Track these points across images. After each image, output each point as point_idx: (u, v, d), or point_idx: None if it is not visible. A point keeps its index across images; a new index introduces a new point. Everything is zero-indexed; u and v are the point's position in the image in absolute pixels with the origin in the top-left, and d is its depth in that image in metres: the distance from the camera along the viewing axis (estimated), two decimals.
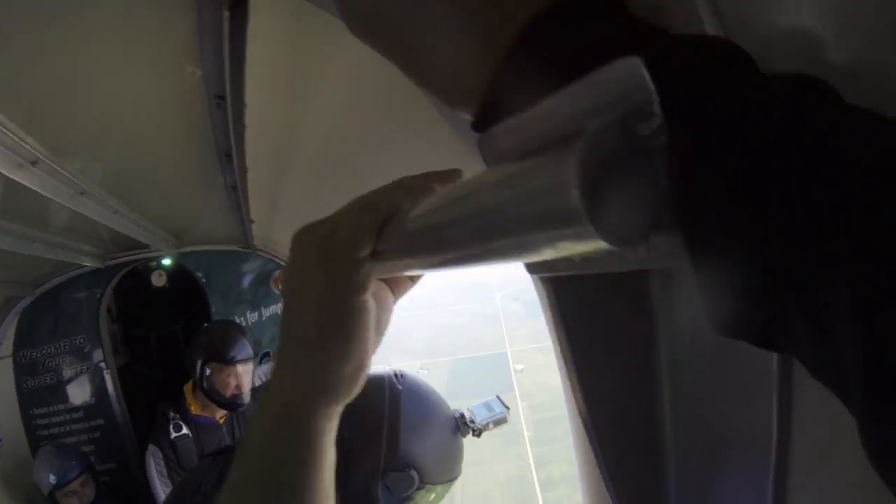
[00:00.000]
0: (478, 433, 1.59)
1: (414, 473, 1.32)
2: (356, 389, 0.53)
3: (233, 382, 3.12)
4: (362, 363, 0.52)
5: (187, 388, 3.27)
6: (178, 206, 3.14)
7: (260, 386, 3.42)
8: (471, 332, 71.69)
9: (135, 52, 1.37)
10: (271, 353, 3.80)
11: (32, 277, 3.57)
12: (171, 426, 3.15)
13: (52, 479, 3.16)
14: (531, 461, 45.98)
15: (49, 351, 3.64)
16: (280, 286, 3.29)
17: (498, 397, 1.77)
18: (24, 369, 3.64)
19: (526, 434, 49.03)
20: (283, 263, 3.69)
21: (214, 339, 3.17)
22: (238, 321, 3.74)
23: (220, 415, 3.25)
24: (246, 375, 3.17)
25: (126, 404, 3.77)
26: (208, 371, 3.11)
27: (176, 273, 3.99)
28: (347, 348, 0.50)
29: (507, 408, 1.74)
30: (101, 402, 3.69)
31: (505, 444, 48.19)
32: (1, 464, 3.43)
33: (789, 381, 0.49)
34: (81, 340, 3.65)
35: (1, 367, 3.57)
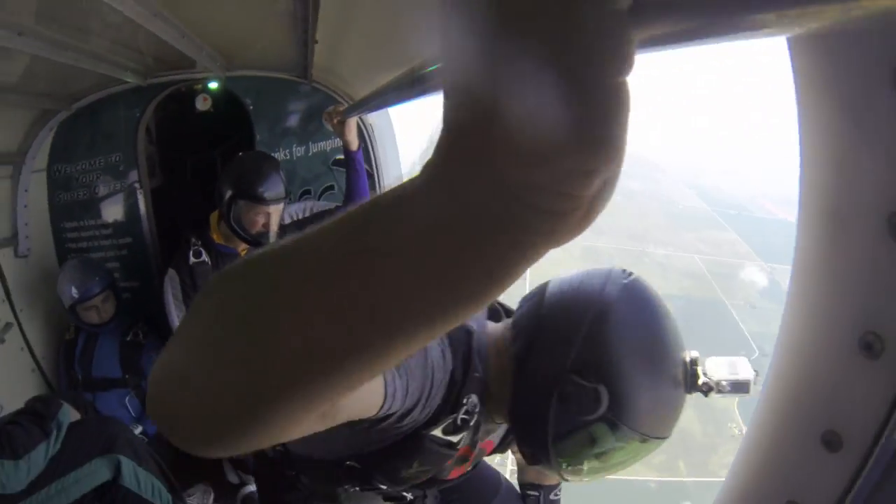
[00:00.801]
0: (706, 391, 1.17)
1: (604, 394, 1.06)
2: (582, 228, 0.34)
3: (260, 221, 2.97)
4: (610, 184, 0.33)
5: (213, 216, 3.13)
6: (232, 20, 2.82)
7: (291, 224, 3.23)
8: None
9: None
10: (313, 192, 3.62)
11: (70, 91, 3.35)
12: (192, 252, 3.06)
13: (75, 292, 3.17)
14: None
15: (84, 167, 3.50)
16: (334, 121, 2.99)
17: (747, 360, 1.28)
18: (57, 183, 3.53)
19: None
20: (340, 99, 3.42)
21: (246, 174, 2.95)
22: (283, 154, 3.54)
23: (242, 247, 3.14)
24: (275, 215, 3.00)
25: (156, 226, 3.70)
26: (236, 206, 2.94)
27: (222, 98, 3.73)
28: (596, 157, 0.30)
29: (756, 373, 1.22)
30: (132, 221, 3.60)
31: None
32: (29, 275, 3.42)
33: None
34: (117, 159, 3.50)
35: (34, 180, 3.45)
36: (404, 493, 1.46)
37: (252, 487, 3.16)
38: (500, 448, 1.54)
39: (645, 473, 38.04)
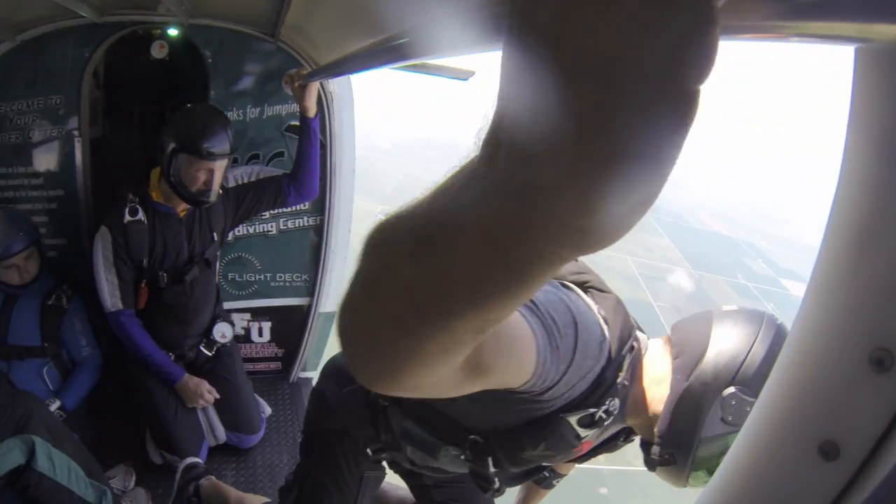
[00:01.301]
0: None
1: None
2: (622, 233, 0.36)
3: (202, 178, 2.83)
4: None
5: (155, 172, 2.95)
6: None
7: (234, 188, 3.14)
8: None
9: None
10: (261, 157, 3.46)
11: (17, 21, 3.00)
12: (128, 209, 2.88)
13: None
14: None
15: (20, 107, 3.15)
16: (295, 84, 2.89)
17: None
18: None
19: None
20: (304, 63, 3.24)
21: (191, 127, 2.79)
22: (235, 114, 3.33)
23: (181, 207, 3.00)
24: (218, 172, 2.86)
25: (91, 179, 3.39)
26: (177, 160, 2.78)
27: (179, 48, 3.47)
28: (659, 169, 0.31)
29: None
30: (65, 172, 3.29)
31: None
32: None
33: None
34: (58, 102, 3.18)
35: None
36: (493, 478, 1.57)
37: (192, 460, 3.02)
38: (586, 457, 1.68)
39: None
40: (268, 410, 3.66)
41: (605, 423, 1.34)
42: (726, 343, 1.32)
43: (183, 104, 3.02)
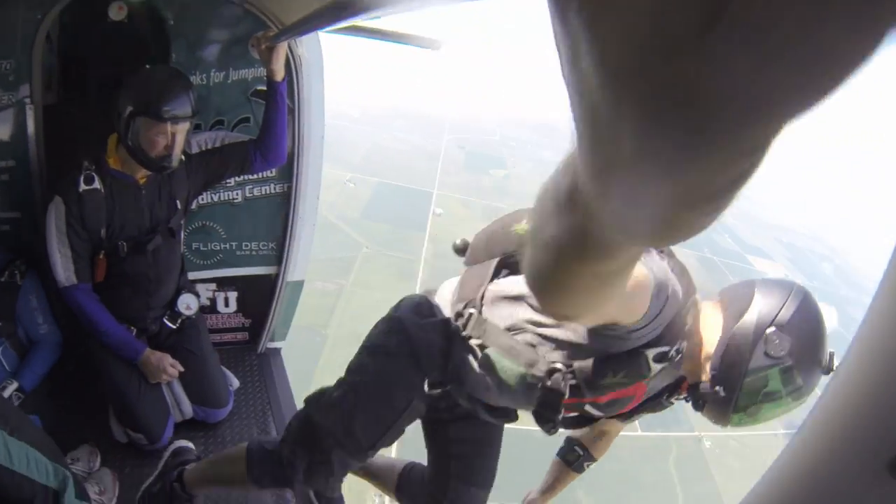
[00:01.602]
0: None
1: (793, 346, 1.57)
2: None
3: (162, 142, 2.70)
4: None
5: (112, 138, 2.83)
6: None
7: (198, 154, 3.03)
8: (406, 163, 72.45)
9: None
10: (226, 123, 3.34)
11: None
12: (83, 177, 2.75)
13: None
14: None
15: None
16: (262, 47, 2.81)
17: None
18: None
19: (420, 275, 51.70)
20: (271, 25, 3.12)
21: (150, 89, 2.65)
22: (199, 79, 3.21)
23: (141, 174, 2.87)
24: (180, 136, 2.74)
25: (46, 149, 3.22)
26: (135, 124, 2.65)
27: (139, 9, 3.28)
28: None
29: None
30: (17, 141, 3.11)
31: (397, 277, 50.90)
32: None
33: None
34: (8, 67, 2.99)
35: None
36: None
37: (183, 443, 2.96)
38: (633, 413, 1.93)
39: (529, 423, 40.28)
40: (235, 383, 3.61)
41: (674, 361, 1.65)
42: (767, 297, 1.64)
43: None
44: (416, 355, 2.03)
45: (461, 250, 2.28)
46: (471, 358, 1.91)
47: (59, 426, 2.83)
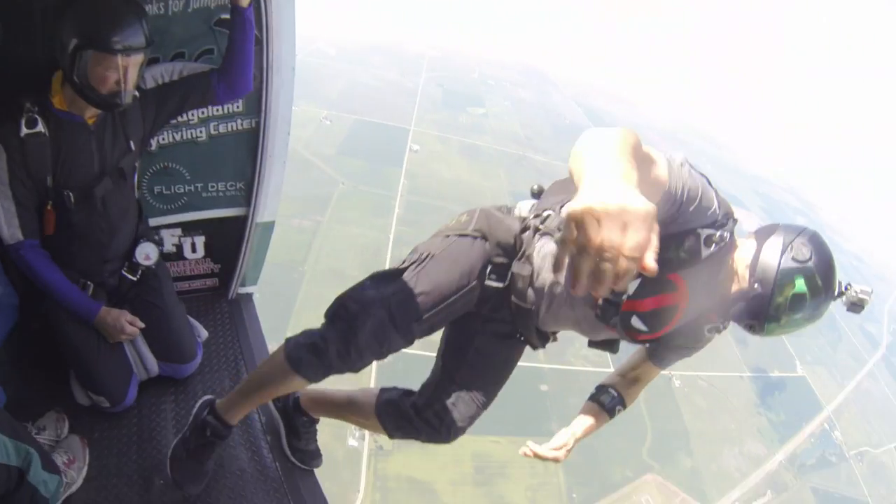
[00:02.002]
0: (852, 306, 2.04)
1: (812, 250, 1.92)
2: None
3: (112, 77, 2.35)
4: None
5: (57, 76, 2.47)
6: None
7: (155, 88, 2.68)
8: (383, 99, 71.15)
9: None
10: (187, 55, 2.94)
11: None
12: (24, 120, 2.41)
13: None
14: (391, 236, 49.30)
15: None
16: None
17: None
18: None
19: (396, 211, 51.61)
20: None
21: (96, 17, 2.29)
22: (156, 8, 2.78)
23: (90, 114, 2.53)
24: (132, 69, 2.39)
25: None
26: (82, 58, 2.30)
27: None
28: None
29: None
30: None
31: (373, 213, 50.77)
32: None
33: None
34: None
35: None
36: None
37: (209, 397, 2.75)
38: (676, 343, 2.31)
39: (539, 360, 41.63)
40: (204, 334, 3.42)
41: (722, 245, 1.93)
42: (790, 226, 2.00)
43: None
44: (489, 236, 2.21)
45: (537, 194, 2.44)
46: (543, 244, 2.15)
47: (24, 393, 2.70)
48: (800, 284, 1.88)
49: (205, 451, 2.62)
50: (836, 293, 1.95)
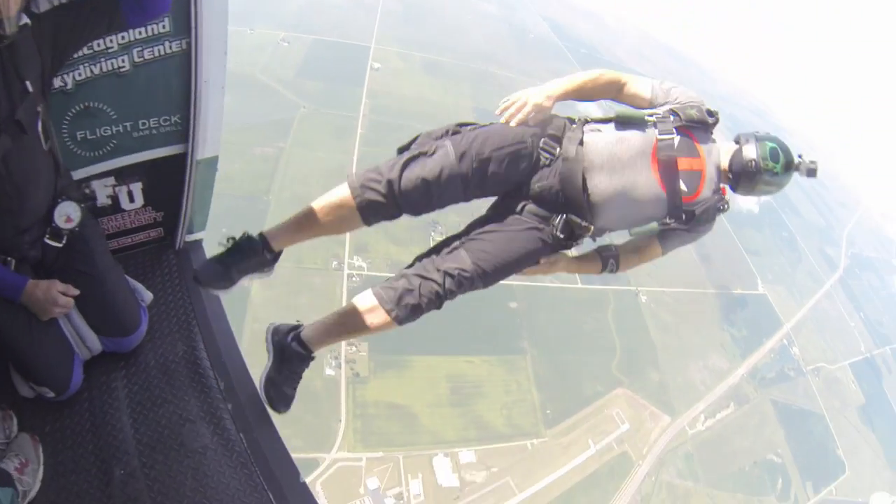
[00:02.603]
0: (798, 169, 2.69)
1: (776, 139, 2.69)
2: None
3: None
4: None
5: None
6: None
7: (51, 11, 2.15)
8: (343, 17, 67.82)
9: None
10: None
11: None
12: None
13: None
14: (355, 158, 48.18)
15: None
16: None
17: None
18: None
19: (359, 132, 50.23)
20: None
21: None
22: None
23: None
24: None
25: None
26: None
27: None
28: None
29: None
30: None
31: (336, 135, 49.33)
32: None
33: None
34: None
35: None
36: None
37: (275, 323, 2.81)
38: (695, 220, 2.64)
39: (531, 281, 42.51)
40: (147, 296, 3.03)
41: (715, 118, 2.69)
42: (750, 133, 2.72)
43: None
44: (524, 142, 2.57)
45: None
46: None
47: None
48: (774, 151, 2.59)
49: (295, 378, 2.78)
50: (795, 162, 2.64)
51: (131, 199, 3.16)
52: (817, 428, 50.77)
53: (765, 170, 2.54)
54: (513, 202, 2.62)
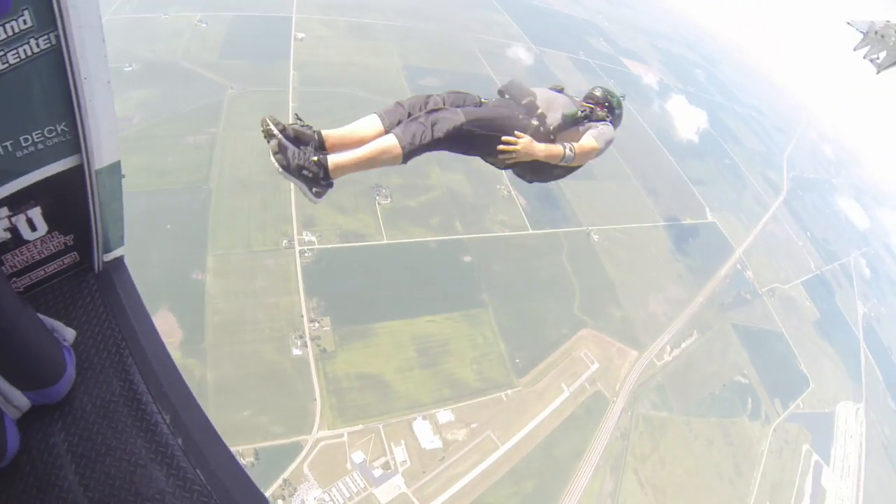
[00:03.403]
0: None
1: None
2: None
3: None
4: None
5: None
6: None
7: None
8: None
9: None
10: None
11: None
12: None
13: None
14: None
15: None
16: None
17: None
18: None
19: (291, 104, 48.73)
20: None
21: None
22: None
23: None
24: None
25: None
26: None
27: None
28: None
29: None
30: None
31: (270, 111, 47.20)
32: None
33: None
34: None
35: None
36: None
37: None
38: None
39: (424, 235, 44.05)
40: (69, 335, 2.73)
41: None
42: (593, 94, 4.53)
43: None
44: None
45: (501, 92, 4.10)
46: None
47: None
48: (609, 91, 4.43)
49: (314, 182, 3.21)
50: (620, 95, 4.48)
51: (33, 228, 2.78)
52: (778, 346, 53.20)
53: (606, 98, 4.41)
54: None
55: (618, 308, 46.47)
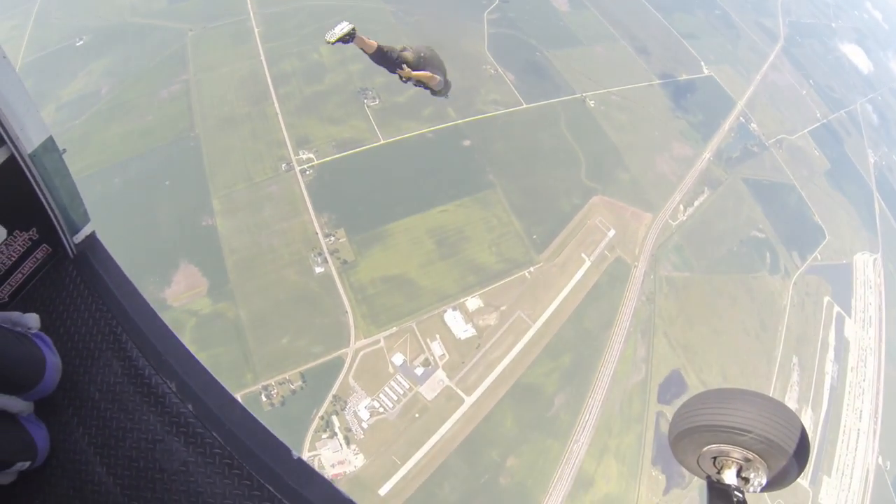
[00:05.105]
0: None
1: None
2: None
3: None
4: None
5: None
6: None
7: None
8: None
9: None
10: None
11: None
12: None
13: None
14: (262, 58, 45.62)
15: None
16: None
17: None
18: None
19: (256, 30, 47.15)
20: None
21: None
22: None
23: None
24: None
25: None
26: None
27: None
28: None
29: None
30: None
31: (235, 44, 46.20)
32: None
33: None
34: None
35: None
36: None
37: None
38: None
39: (420, 127, 43.72)
40: (33, 322, 2.62)
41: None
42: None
43: None
44: None
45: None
46: None
47: None
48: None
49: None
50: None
51: None
52: (791, 198, 52.81)
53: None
54: None
55: (625, 171, 46.12)
